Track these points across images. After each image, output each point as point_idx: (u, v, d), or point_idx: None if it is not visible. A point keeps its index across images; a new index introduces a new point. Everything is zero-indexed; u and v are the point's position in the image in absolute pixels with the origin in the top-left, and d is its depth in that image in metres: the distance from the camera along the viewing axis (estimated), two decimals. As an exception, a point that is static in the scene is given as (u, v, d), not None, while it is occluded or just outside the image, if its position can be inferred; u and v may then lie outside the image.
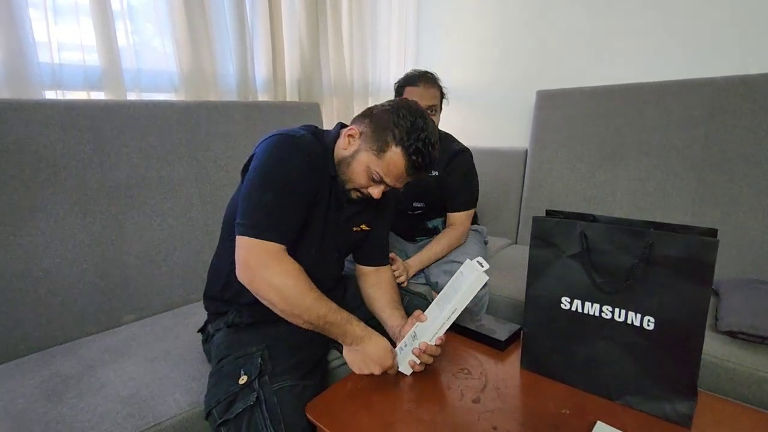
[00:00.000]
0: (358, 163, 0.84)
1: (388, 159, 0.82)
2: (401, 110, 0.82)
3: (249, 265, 0.77)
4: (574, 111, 1.63)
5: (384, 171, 0.83)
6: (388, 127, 0.82)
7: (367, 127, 0.84)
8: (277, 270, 0.77)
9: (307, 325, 0.79)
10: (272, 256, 0.77)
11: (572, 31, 1.75)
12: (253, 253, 0.77)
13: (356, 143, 0.85)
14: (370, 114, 0.86)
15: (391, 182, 0.85)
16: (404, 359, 0.81)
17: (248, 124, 1.42)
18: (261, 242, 0.77)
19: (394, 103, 0.86)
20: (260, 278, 0.77)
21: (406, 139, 0.80)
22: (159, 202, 1.22)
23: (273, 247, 0.77)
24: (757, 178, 1.26)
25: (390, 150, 0.81)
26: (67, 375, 0.89)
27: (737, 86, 1.29)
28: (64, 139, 1.06)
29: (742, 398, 0.90)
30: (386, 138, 0.81)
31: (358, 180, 0.86)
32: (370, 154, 0.83)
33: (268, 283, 0.76)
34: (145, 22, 1.39)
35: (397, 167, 0.82)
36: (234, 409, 0.71)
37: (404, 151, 0.81)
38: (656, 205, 1.43)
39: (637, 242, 0.68)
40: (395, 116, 0.82)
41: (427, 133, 0.82)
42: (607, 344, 0.73)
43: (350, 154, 0.86)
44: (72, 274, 1.07)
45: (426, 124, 0.82)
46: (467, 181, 1.36)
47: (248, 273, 0.77)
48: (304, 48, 1.76)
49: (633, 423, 0.67)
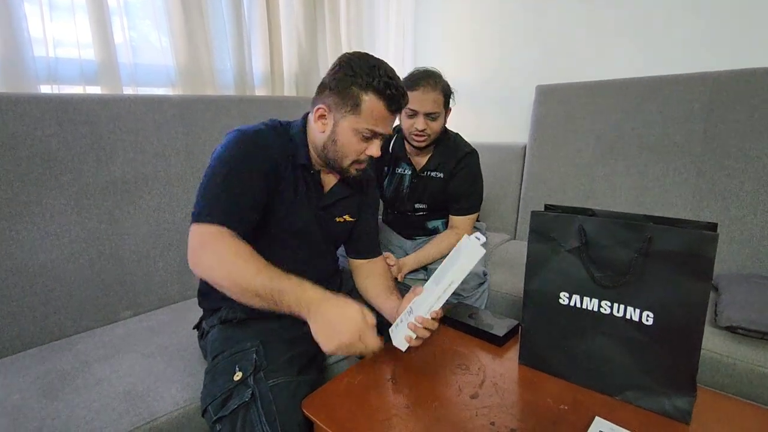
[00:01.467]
0: (343, 133, 0.84)
1: (367, 109, 0.81)
2: (350, 62, 0.82)
3: (194, 249, 0.75)
4: (573, 106, 1.62)
5: (371, 122, 0.82)
6: (349, 83, 0.81)
7: (331, 96, 0.83)
8: (215, 248, 0.74)
9: (258, 300, 0.71)
10: (211, 237, 0.74)
11: (572, 25, 1.74)
12: (194, 236, 0.75)
13: (330, 118, 0.85)
14: (325, 85, 0.85)
15: (381, 129, 0.85)
16: (399, 334, 0.78)
17: (245, 119, 1.41)
18: (201, 225, 0.76)
19: (339, 62, 0.85)
20: (201, 259, 0.74)
21: (371, 80, 0.80)
22: (155, 197, 1.22)
23: (215, 229, 0.75)
24: (757, 172, 1.25)
25: (363, 100, 0.81)
26: (63, 371, 0.88)
27: (737, 81, 1.28)
28: (59, 133, 1.05)
29: (742, 394, 0.90)
30: (353, 92, 0.81)
31: (352, 149, 0.85)
32: (349, 116, 0.82)
33: (208, 261, 0.73)
34: (142, 16, 1.37)
35: (379, 110, 0.82)
36: (229, 406, 0.70)
37: (375, 91, 0.81)
38: (655, 199, 1.42)
39: (636, 236, 0.68)
40: (348, 69, 0.81)
41: (384, 67, 0.82)
42: (606, 339, 0.72)
43: (330, 132, 0.85)
44: (68, 269, 1.06)
45: (377, 61, 0.83)
46: (472, 185, 1.32)
47: (194, 258, 0.75)
48: (302, 42, 1.75)
49: (631, 419, 0.66)
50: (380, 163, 1.40)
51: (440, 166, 1.31)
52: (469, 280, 1.23)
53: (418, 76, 1.23)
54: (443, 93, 1.23)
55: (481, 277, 1.25)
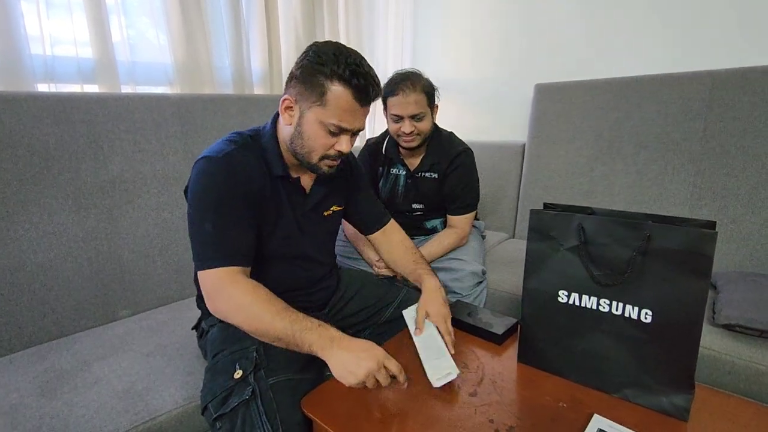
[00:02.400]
0: (309, 125, 0.79)
1: (332, 99, 0.76)
2: (317, 50, 0.77)
3: (208, 296, 0.76)
4: (572, 104, 1.62)
5: (337, 115, 0.77)
6: (315, 71, 0.76)
7: (296, 86, 0.79)
8: (230, 292, 0.75)
9: (279, 342, 0.73)
10: (224, 281, 0.75)
11: (570, 24, 1.74)
12: (207, 283, 0.76)
13: (297, 110, 0.80)
14: (293, 75, 0.80)
15: (348, 125, 0.79)
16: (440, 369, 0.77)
17: (244, 118, 1.41)
18: (211, 271, 0.75)
19: (306, 50, 0.80)
20: (219, 304, 0.76)
21: (337, 68, 0.75)
22: (154, 196, 1.21)
23: (223, 272, 0.75)
24: (756, 171, 1.25)
25: (329, 89, 0.76)
26: (62, 370, 0.88)
27: (735, 79, 1.28)
28: (56, 132, 1.05)
29: (740, 391, 0.90)
30: (319, 81, 0.76)
31: (319, 142, 0.80)
32: (314, 108, 0.77)
33: (227, 306, 0.75)
34: (139, 13, 1.37)
35: (346, 101, 0.77)
36: (229, 404, 0.70)
37: (342, 81, 0.75)
38: (654, 198, 1.42)
39: (634, 235, 0.68)
40: (315, 57, 0.76)
41: (353, 56, 0.77)
42: (605, 337, 0.72)
43: (296, 123, 0.80)
44: (66, 268, 1.06)
45: (346, 49, 0.78)
46: (468, 183, 1.31)
47: (210, 304, 0.77)
48: (300, 40, 1.75)
49: (630, 416, 0.67)
50: (375, 164, 1.40)
51: (434, 166, 1.30)
52: (468, 278, 1.23)
53: (396, 81, 1.21)
54: (425, 92, 1.20)
55: (479, 275, 1.25)
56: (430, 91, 1.23)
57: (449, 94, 2.08)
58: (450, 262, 1.29)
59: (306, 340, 0.71)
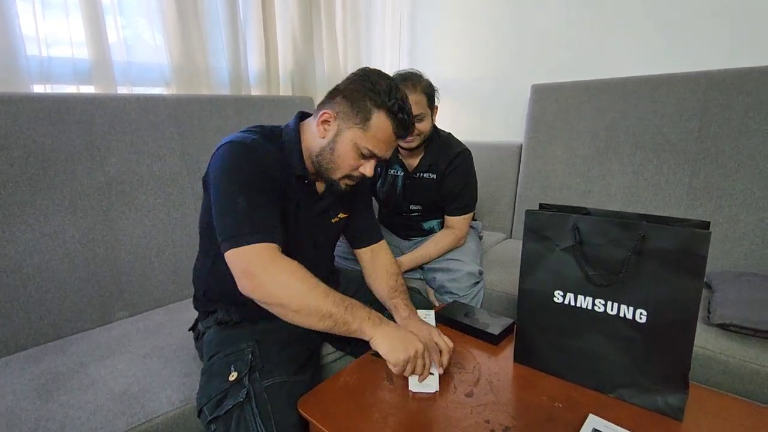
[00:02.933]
0: (343, 144, 0.81)
1: (375, 126, 0.80)
2: (371, 76, 0.82)
3: (249, 272, 0.72)
4: (568, 105, 1.62)
5: (373, 141, 0.81)
6: (365, 96, 0.79)
7: (341, 104, 0.81)
8: (280, 267, 0.72)
9: (327, 321, 0.72)
10: (265, 258, 0.72)
11: (567, 25, 1.74)
12: (248, 259, 0.72)
13: (334, 126, 0.82)
14: (338, 92, 0.83)
15: (381, 153, 0.83)
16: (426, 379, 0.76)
17: (241, 119, 1.41)
18: (251, 246, 0.72)
19: (359, 73, 0.84)
20: (265, 282, 0.71)
21: (387, 99, 0.79)
22: (151, 198, 1.21)
23: (265, 247, 0.73)
24: (750, 171, 1.26)
25: (374, 116, 0.80)
26: (58, 372, 0.88)
27: (730, 79, 1.29)
28: (53, 133, 1.05)
29: (735, 390, 0.90)
30: (367, 106, 0.79)
31: (347, 163, 0.82)
32: (354, 129, 0.80)
33: (275, 282, 0.71)
34: (136, 14, 1.37)
35: (386, 131, 0.81)
36: (224, 406, 0.70)
37: (388, 112, 0.80)
38: (650, 198, 1.43)
39: (629, 235, 0.68)
40: (368, 83, 0.80)
41: (401, 92, 0.82)
42: (600, 337, 0.73)
43: (331, 139, 0.82)
44: (62, 270, 1.06)
45: (396, 84, 0.82)
46: (467, 184, 1.31)
47: (250, 281, 0.72)
48: (298, 41, 1.75)
49: (625, 416, 0.67)
50: None
51: (432, 167, 1.30)
52: (465, 279, 1.23)
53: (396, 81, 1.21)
54: (425, 93, 1.21)
55: (476, 276, 1.25)
56: (430, 92, 1.23)
57: (447, 94, 2.08)
58: (447, 262, 1.29)
59: (357, 316, 0.73)
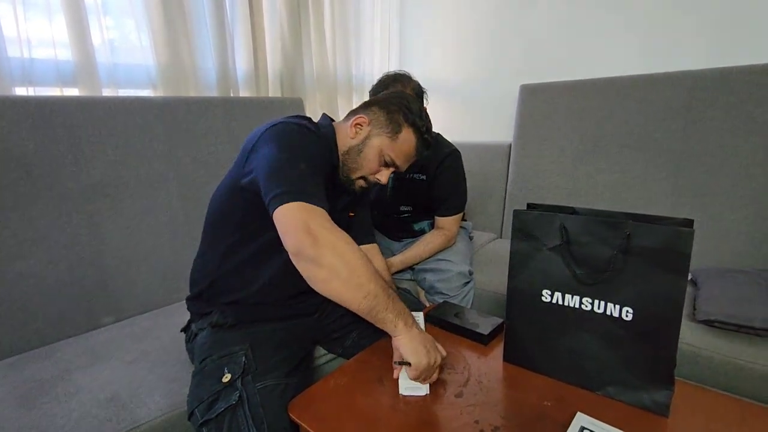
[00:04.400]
0: (371, 149, 0.89)
1: (402, 139, 0.90)
2: (407, 98, 0.94)
3: (310, 229, 0.68)
4: (556, 105, 1.64)
5: (397, 152, 0.90)
6: (399, 111, 0.90)
7: (377, 113, 0.91)
8: (338, 234, 0.71)
9: (369, 300, 0.70)
10: (330, 223, 0.72)
11: (554, 25, 1.76)
12: (311, 216, 0.70)
13: (365, 130, 0.90)
14: (376, 102, 0.93)
15: (400, 163, 0.92)
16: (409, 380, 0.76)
17: (229, 121, 1.39)
18: (316, 207, 0.71)
19: (399, 95, 0.96)
20: (325, 241, 0.69)
21: (417, 119, 0.90)
22: (137, 201, 1.20)
23: (323, 212, 0.72)
24: (734, 169, 1.28)
25: (404, 130, 0.90)
26: (42, 380, 0.87)
27: (714, 79, 1.31)
28: (35, 137, 1.03)
29: (720, 386, 0.92)
30: (399, 120, 0.90)
31: (369, 166, 0.90)
32: (384, 137, 0.89)
33: (333, 246, 0.69)
34: (120, 14, 1.35)
35: (410, 146, 0.91)
36: (216, 409, 0.70)
37: (416, 130, 0.90)
38: (636, 196, 1.45)
39: (615, 234, 0.69)
40: (405, 101, 0.92)
41: (428, 120, 0.95)
42: (588, 336, 0.73)
43: (360, 141, 0.90)
44: (47, 276, 1.04)
45: (426, 111, 0.95)
46: (456, 185, 1.31)
47: (309, 237, 0.68)
48: (286, 41, 1.74)
49: (612, 413, 0.67)
50: None
51: (422, 168, 1.30)
52: (455, 279, 1.23)
53: (386, 82, 1.23)
54: (414, 94, 1.22)
55: (466, 276, 1.26)
56: (419, 93, 1.24)
57: (436, 95, 2.09)
58: (437, 263, 1.29)
59: (397, 308, 0.74)
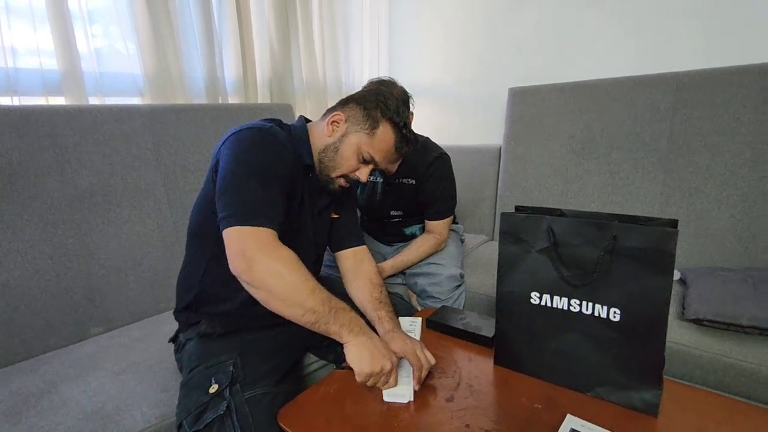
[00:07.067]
0: (348, 146, 0.87)
1: (380, 135, 0.87)
2: (384, 93, 0.90)
3: (245, 254, 0.70)
4: (545, 107, 1.65)
5: (375, 149, 0.87)
6: (377, 106, 0.87)
7: (353, 109, 0.88)
8: (276, 255, 0.72)
9: (309, 315, 0.71)
10: (269, 243, 0.72)
11: (542, 28, 1.78)
12: (248, 240, 0.71)
13: (342, 128, 0.88)
14: (353, 99, 0.90)
15: (380, 159, 0.88)
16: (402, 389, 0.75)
17: (218, 128, 1.39)
18: (254, 229, 0.72)
19: (376, 87, 0.92)
20: (260, 265, 0.70)
21: (395, 116, 0.87)
22: (125, 210, 1.18)
23: (267, 233, 0.73)
24: (720, 169, 1.29)
25: (381, 126, 0.87)
26: (28, 392, 0.85)
27: (699, 80, 1.33)
28: (20, 146, 1.02)
29: (710, 384, 0.92)
30: (376, 115, 0.87)
31: (348, 164, 0.87)
32: (361, 134, 0.86)
33: (267, 270, 0.70)
34: (106, 22, 1.34)
35: (388, 143, 0.88)
36: (204, 419, 0.69)
37: (394, 125, 0.87)
38: (625, 197, 1.46)
39: (602, 235, 0.69)
40: (381, 96, 0.88)
41: (408, 114, 0.91)
42: (576, 337, 0.74)
43: (337, 139, 0.87)
44: (33, 287, 1.03)
45: (406, 106, 0.92)
46: (445, 188, 1.31)
47: (244, 262, 0.70)
48: (275, 47, 1.74)
49: (602, 414, 0.68)
50: None
51: (411, 172, 1.30)
52: (446, 282, 1.23)
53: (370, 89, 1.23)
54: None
55: (457, 279, 1.26)
56: (404, 99, 1.23)
57: (426, 99, 2.10)
58: (428, 267, 1.29)
59: (340, 319, 0.74)
